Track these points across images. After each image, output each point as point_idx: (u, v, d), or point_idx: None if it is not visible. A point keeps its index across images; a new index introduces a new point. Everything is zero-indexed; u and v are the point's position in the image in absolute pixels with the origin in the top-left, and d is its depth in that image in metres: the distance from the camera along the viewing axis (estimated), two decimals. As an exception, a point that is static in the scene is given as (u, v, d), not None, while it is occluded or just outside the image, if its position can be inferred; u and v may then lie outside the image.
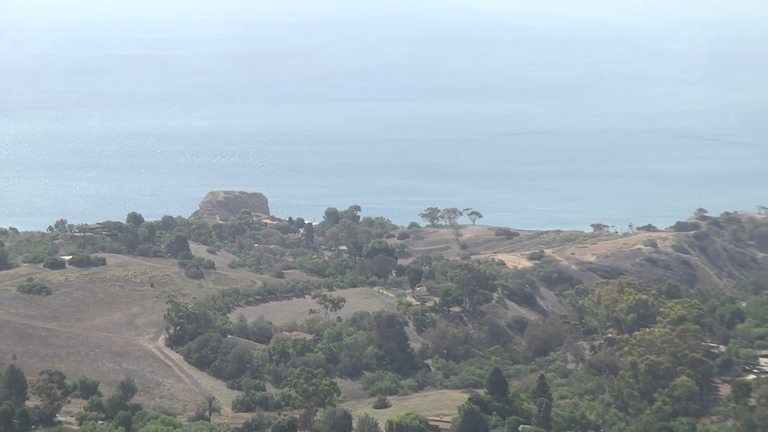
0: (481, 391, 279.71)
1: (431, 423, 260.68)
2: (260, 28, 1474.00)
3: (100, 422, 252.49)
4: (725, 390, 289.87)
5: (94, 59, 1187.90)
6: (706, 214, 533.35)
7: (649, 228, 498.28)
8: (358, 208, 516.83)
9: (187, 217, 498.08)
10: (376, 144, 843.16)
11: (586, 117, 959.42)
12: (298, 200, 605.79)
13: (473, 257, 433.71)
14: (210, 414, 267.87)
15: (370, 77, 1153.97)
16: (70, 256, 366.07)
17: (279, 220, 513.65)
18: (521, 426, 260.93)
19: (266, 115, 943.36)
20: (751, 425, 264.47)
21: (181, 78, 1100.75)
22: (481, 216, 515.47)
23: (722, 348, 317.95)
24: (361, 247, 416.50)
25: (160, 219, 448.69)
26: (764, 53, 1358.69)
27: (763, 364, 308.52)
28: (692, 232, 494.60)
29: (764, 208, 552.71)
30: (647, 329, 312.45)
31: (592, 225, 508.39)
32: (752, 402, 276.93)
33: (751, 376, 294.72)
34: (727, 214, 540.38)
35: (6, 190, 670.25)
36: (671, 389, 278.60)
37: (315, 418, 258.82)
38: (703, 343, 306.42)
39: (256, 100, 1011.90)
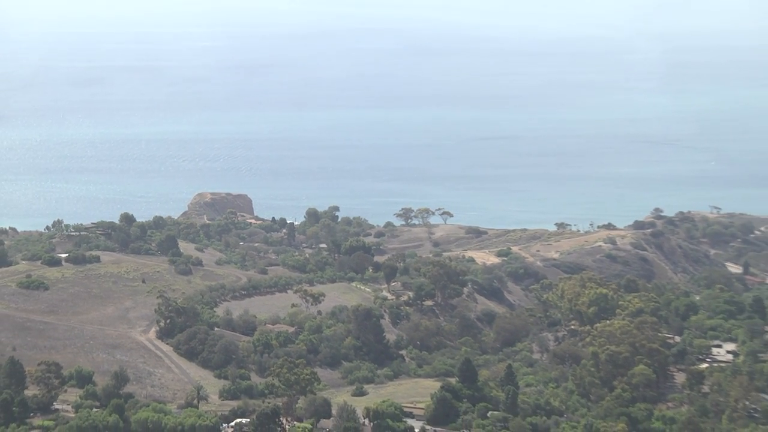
0: (453, 380, 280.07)
1: (406, 409, 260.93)
2: (246, 41, 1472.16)
3: (94, 410, 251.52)
4: (680, 378, 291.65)
5: (88, 69, 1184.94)
6: (662, 214, 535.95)
7: (608, 227, 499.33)
8: (337, 209, 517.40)
9: (176, 217, 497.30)
10: (353, 149, 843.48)
11: (550, 123, 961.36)
12: (281, 201, 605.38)
13: (445, 254, 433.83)
14: (198, 402, 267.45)
15: (349, 86, 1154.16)
16: (67, 254, 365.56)
17: (263, 219, 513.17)
18: (490, 412, 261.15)
19: (251, 121, 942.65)
20: (705, 410, 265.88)
21: (170, 87, 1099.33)
22: (452, 216, 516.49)
23: (677, 339, 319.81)
24: (339, 245, 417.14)
25: (150, 219, 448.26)
26: (716, 63, 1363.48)
27: (715, 353, 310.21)
28: (649, 230, 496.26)
29: (716, 208, 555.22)
30: (607, 321, 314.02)
31: (555, 224, 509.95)
32: (705, 389, 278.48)
33: (704, 365, 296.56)
34: (682, 213, 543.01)
35: (5, 193, 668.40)
36: (630, 377, 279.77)
37: (297, 405, 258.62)
38: (659, 334, 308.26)
39: (242, 107, 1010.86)
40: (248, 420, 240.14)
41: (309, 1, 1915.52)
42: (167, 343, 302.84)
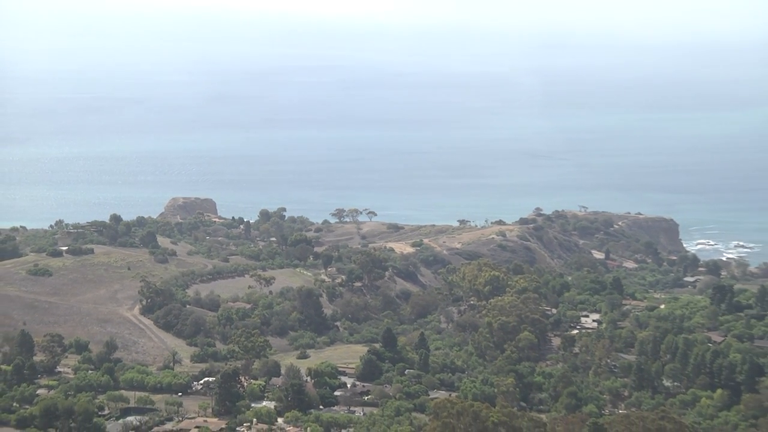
0: (377, 345, 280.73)
1: (340, 369, 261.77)
2: (219, 76, 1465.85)
3: (90, 372, 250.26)
4: (556, 342, 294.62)
5: (91, 100, 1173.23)
6: (542, 212, 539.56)
7: (500, 222, 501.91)
8: (284, 210, 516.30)
9: (155, 217, 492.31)
10: (299, 163, 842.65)
11: (454, 141, 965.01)
12: (239, 204, 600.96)
13: (370, 245, 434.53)
14: (173, 365, 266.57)
15: (299, 111, 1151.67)
16: (67, 247, 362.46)
17: (225, 219, 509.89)
18: (407, 370, 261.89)
19: (216, 141, 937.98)
20: (575, 367, 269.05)
21: (155, 114, 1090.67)
22: (375, 214, 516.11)
23: (554, 310, 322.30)
24: (286, 238, 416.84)
25: (134, 219, 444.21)
26: (584, 93, 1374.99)
27: (583, 322, 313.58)
28: (531, 225, 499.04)
29: (584, 207, 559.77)
30: (499, 297, 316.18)
31: (458, 221, 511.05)
32: (576, 350, 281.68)
33: (575, 331, 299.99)
34: (557, 211, 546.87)
35: (17, 199, 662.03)
36: (517, 342, 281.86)
37: (253, 367, 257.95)
38: (539, 307, 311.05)
39: (210, 129, 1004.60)
40: (214, 379, 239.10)
41: (272, 45, 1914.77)
42: (148, 318, 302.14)
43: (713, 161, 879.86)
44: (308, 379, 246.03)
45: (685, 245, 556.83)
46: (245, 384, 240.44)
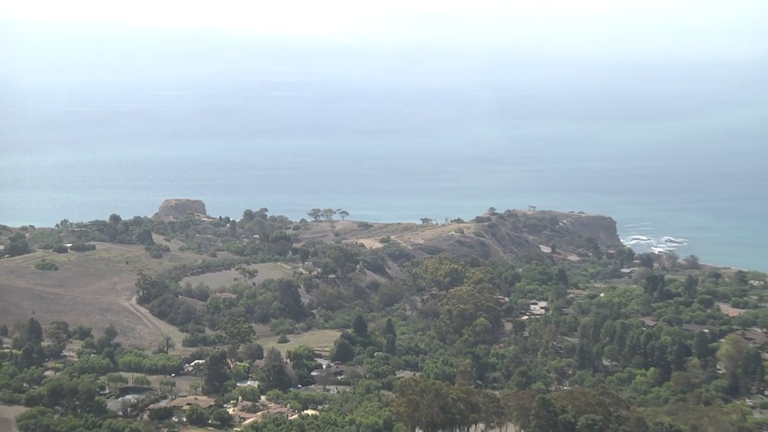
0: (349, 330, 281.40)
1: (316, 352, 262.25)
2: (207, 90, 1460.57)
3: (92, 355, 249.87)
4: (508, 326, 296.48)
5: (91, 113, 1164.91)
6: (495, 211, 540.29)
7: (458, 221, 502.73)
8: (266, 210, 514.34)
9: (150, 217, 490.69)
10: (279, 168, 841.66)
11: (417, 149, 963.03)
12: (226, 205, 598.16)
13: (343, 241, 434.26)
14: (167, 349, 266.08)
15: (277, 122, 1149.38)
16: (71, 244, 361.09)
17: (212, 218, 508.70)
18: (375, 352, 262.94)
19: (205, 148, 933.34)
20: (525, 348, 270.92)
21: (152, 125, 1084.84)
22: (348, 214, 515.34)
23: (506, 299, 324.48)
24: (268, 235, 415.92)
25: (132, 218, 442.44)
26: (534, 105, 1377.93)
27: (533, 309, 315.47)
28: (486, 223, 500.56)
29: (532, 207, 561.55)
30: (458, 287, 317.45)
31: (421, 219, 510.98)
32: (526, 334, 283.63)
33: (525, 317, 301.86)
34: (509, 211, 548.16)
35: (27, 201, 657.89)
36: (474, 327, 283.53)
37: (238, 350, 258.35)
38: (494, 296, 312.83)
39: (200, 138, 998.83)
40: (203, 361, 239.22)
41: (253, 63, 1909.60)
42: (144, 307, 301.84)
43: (648, 166, 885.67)
44: (288, 361, 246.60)
45: (621, 240, 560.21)
46: (231, 366, 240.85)
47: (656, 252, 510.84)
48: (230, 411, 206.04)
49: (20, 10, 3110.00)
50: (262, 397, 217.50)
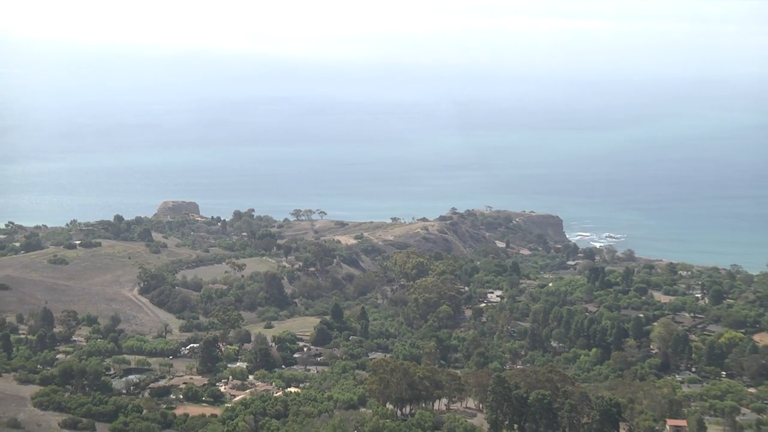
0: (327, 317, 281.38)
1: (298, 336, 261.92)
2: (202, 104, 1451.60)
3: (99, 340, 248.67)
4: (468, 313, 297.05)
5: (98, 126, 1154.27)
6: (457, 211, 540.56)
7: (423, 219, 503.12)
8: (253, 210, 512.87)
9: (150, 217, 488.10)
10: (265, 173, 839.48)
11: (387, 156, 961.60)
12: (217, 206, 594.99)
13: (322, 238, 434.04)
14: (165, 334, 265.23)
15: (266, 133, 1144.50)
16: (79, 241, 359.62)
17: (205, 218, 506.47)
18: (351, 337, 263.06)
19: (200, 156, 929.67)
20: (483, 332, 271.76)
21: (151, 135, 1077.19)
22: (326, 213, 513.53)
23: (466, 288, 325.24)
24: (255, 233, 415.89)
25: (133, 218, 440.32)
26: (491, 117, 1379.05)
27: (490, 297, 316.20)
28: (449, 221, 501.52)
29: (489, 207, 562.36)
30: (423, 278, 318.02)
31: (391, 218, 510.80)
32: (483, 319, 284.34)
33: (483, 305, 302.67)
34: (469, 210, 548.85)
35: (40, 203, 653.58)
36: (437, 313, 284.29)
37: (228, 335, 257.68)
38: (455, 286, 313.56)
39: (195, 147, 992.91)
40: (198, 345, 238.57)
41: (244, 80, 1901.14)
42: (145, 297, 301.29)
43: (591, 171, 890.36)
44: (273, 344, 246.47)
45: (567, 236, 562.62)
46: (223, 349, 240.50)
47: (598, 246, 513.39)
48: (222, 389, 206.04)
49: (36, 31, 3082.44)
50: (250, 377, 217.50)
